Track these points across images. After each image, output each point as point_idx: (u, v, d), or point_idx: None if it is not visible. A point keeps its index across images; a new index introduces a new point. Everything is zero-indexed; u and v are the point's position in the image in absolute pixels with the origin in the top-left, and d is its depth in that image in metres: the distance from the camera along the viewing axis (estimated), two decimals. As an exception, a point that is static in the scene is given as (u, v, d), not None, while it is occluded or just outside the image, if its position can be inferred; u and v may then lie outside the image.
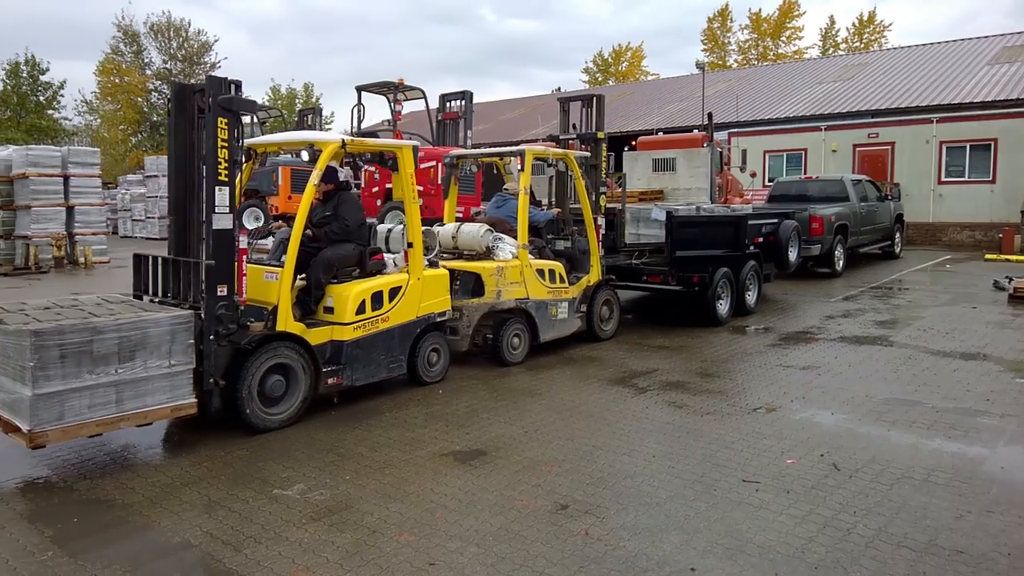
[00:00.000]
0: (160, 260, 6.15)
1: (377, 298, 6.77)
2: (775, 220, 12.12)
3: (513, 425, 6.04)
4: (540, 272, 8.46)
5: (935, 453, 5.32)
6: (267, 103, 43.13)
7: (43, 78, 46.74)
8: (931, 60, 29.02)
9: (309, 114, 18.37)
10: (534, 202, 10.33)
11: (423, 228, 7.29)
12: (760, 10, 56.20)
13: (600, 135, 10.22)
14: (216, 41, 53.98)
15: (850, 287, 13.80)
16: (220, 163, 5.63)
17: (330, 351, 6.48)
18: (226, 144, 5.65)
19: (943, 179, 22.23)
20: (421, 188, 13.66)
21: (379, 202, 14.33)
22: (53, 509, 4.57)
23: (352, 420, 6.40)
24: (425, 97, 15.61)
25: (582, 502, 4.53)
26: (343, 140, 6.58)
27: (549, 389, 7.18)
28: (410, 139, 14.60)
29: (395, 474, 5.04)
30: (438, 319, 7.34)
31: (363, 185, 15.67)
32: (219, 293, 5.62)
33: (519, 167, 8.45)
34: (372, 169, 14.90)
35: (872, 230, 16.81)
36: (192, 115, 5.86)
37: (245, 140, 6.33)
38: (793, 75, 33.44)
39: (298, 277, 6.50)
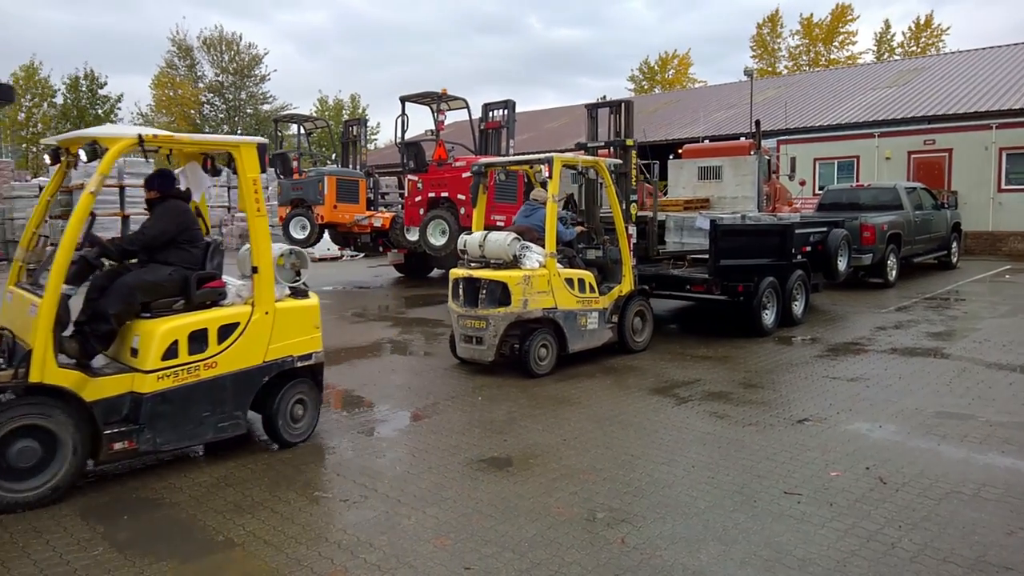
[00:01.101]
0: None
1: (198, 337, 5.24)
2: (824, 229, 11.91)
3: (551, 433, 6.04)
4: (569, 281, 8.31)
5: (987, 468, 5.17)
6: (314, 114, 43.88)
7: (101, 92, 48.25)
8: (990, 64, 28.29)
9: (354, 125, 18.64)
10: (574, 210, 10.31)
11: (289, 248, 5.98)
12: (812, 15, 55.44)
13: (629, 142, 10.09)
14: (266, 54, 55.19)
15: (903, 298, 13.48)
16: None
17: (128, 406, 5.02)
18: None
19: (1003, 187, 21.57)
20: (463, 197, 13.81)
21: (422, 211, 14.48)
22: (104, 506, 4.71)
23: (392, 426, 6.46)
24: (468, 107, 15.72)
25: (619, 510, 4.51)
26: (140, 136, 5.10)
27: (588, 398, 7.15)
28: (452, 149, 14.73)
29: (432, 479, 5.07)
30: (300, 363, 5.79)
31: (407, 194, 15.85)
32: None
33: (547, 175, 8.33)
34: (415, 178, 15.07)
35: (927, 239, 16.40)
36: None
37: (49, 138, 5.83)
38: (845, 81, 32.87)
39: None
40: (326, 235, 17.81)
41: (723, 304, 10.40)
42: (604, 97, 58.23)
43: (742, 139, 23.10)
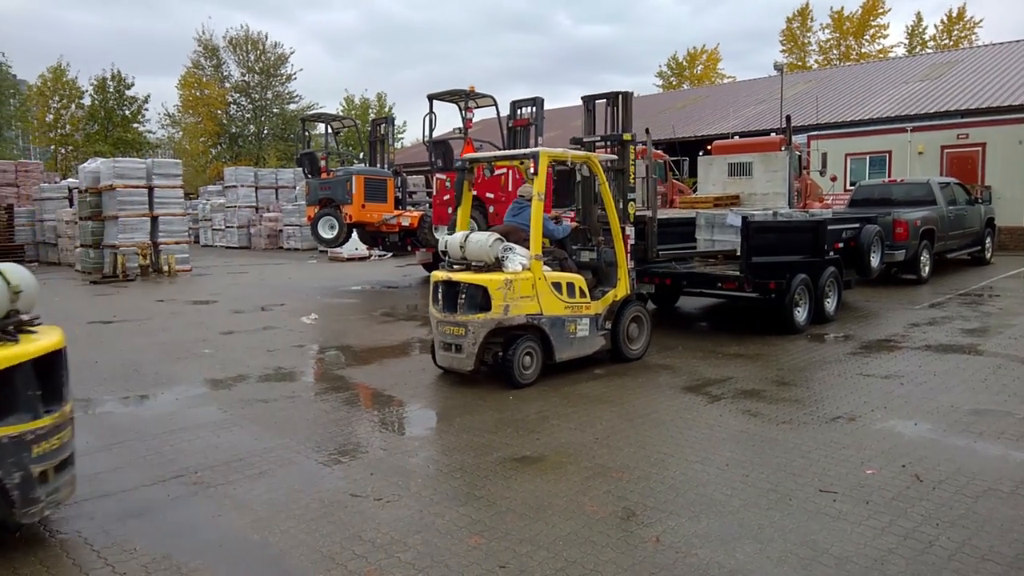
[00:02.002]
0: None
1: None
2: (856, 225, 11.79)
3: (584, 432, 6.04)
4: (556, 285, 7.72)
5: (1025, 466, 5.10)
6: (341, 113, 44.14)
7: (128, 93, 48.94)
8: (1024, 57, 27.77)
9: (382, 123, 18.73)
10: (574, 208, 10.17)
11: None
12: (843, 8, 54.56)
13: (627, 137, 9.47)
14: (292, 53, 55.59)
15: (937, 294, 13.29)
16: None
17: None
18: None
19: (1039, 181, 21.15)
20: (492, 195, 13.84)
21: (450, 210, 14.53)
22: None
23: (424, 425, 6.51)
24: (496, 104, 15.74)
25: (653, 509, 4.50)
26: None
27: (620, 396, 7.15)
28: (481, 147, 14.77)
29: (466, 478, 5.10)
30: None
31: (435, 192, 15.92)
32: None
33: (533, 171, 7.73)
34: (443, 177, 15.14)
35: (961, 235, 16.15)
36: None
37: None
38: (877, 75, 32.46)
39: None
40: (354, 234, 17.92)
41: (755, 301, 10.33)
42: (632, 93, 58.05)
43: (772, 135, 22.90)
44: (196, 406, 7.16)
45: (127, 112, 49.28)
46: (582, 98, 10.72)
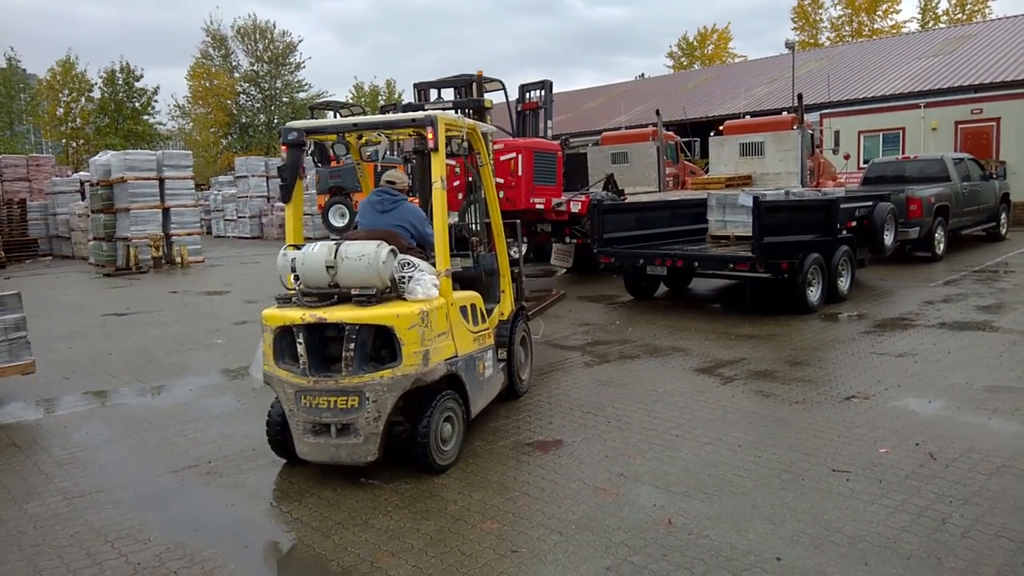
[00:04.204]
0: None
1: None
2: (869, 203, 11.68)
3: (596, 415, 6.03)
4: (463, 311, 5.50)
5: (1042, 443, 5.05)
6: (350, 100, 44.04)
7: (138, 85, 49.01)
8: (1040, 29, 27.37)
9: (390, 110, 18.67)
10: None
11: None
12: (854, -16, 53.79)
13: (488, 103, 8.10)
14: (300, 41, 55.46)
15: (951, 271, 13.17)
16: None
17: None
18: None
19: (1054, 155, 20.89)
20: (501, 180, 13.76)
21: (460, 196, 14.48)
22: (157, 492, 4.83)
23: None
24: (504, 88, 15.65)
25: (665, 491, 4.50)
26: None
27: (633, 379, 7.13)
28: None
29: (478, 463, 5.11)
30: None
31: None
32: None
33: (431, 144, 5.29)
34: (452, 163, 15.06)
35: (975, 211, 15.97)
36: None
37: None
38: (890, 51, 32.10)
39: None
40: None
41: (767, 282, 10.27)
42: (643, 75, 57.66)
43: (784, 114, 22.71)
44: (209, 396, 7.21)
45: (137, 104, 49.33)
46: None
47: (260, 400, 6.89)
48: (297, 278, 5.06)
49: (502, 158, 12.89)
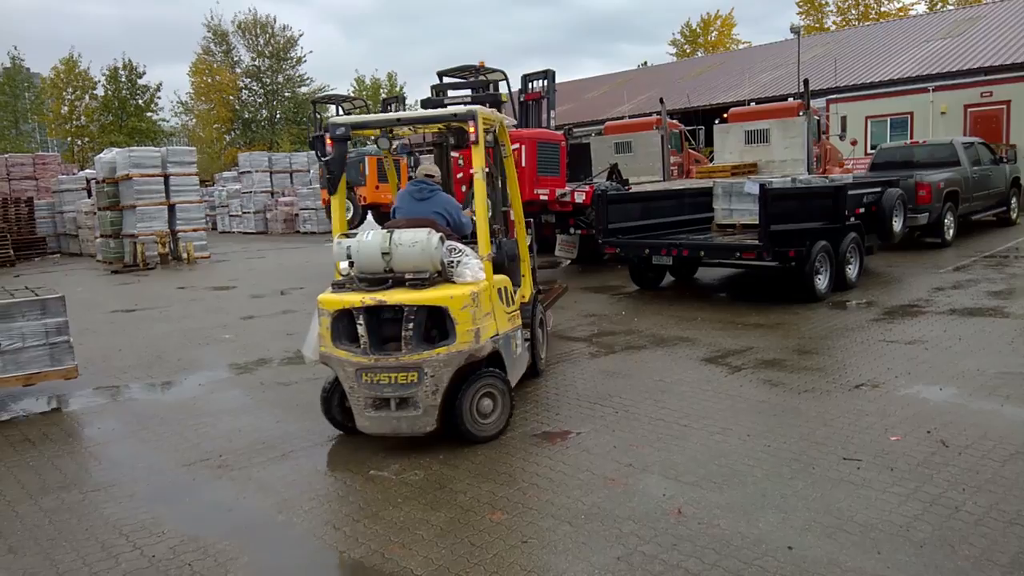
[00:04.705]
0: None
1: None
2: (878, 189, 11.61)
3: (603, 405, 6.02)
4: (500, 292, 5.84)
5: (1054, 428, 5.02)
6: (352, 94, 43.96)
7: (140, 82, 49.09)
8: (1048, 11, 27.15)
9: (393, 102, 18.66)
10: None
11: None
12: (859, -32, 53.43)
13: (504, 98, 8.40)
14: (301, 36, 55.45)
15: (961, 257, 13.09)
16: None
17: None
18: None
19: (1065, 138, 20.72)
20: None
21: (465, 188, 14.46)
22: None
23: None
24: (507, 79, 15.60)
25: (675, 481, 4.49)
26: None
27: (640, 369, 7.11)
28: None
29: (487, 454, 5.11)
30: None
31: (450, 171, 15.82)
32: None
33: (472, 138, 5.66)
34: (456, 155, 15.02)
35: (986, 196, 15.84)
36: None
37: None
38: (897, 34, 31.89)
39: None
40: (369, 216, 17.92)
41: (774, 270, 10.23)
42: (646, 63, 57.40)
43: (790, 100, 22.59)
44: (219, 391, 7.23)
45: (140, 101, 49.48)
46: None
47: (269, 394, 6.94)
48: (351, 264, 5.41)
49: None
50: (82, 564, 3.89)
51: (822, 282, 9.92)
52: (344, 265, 5.51)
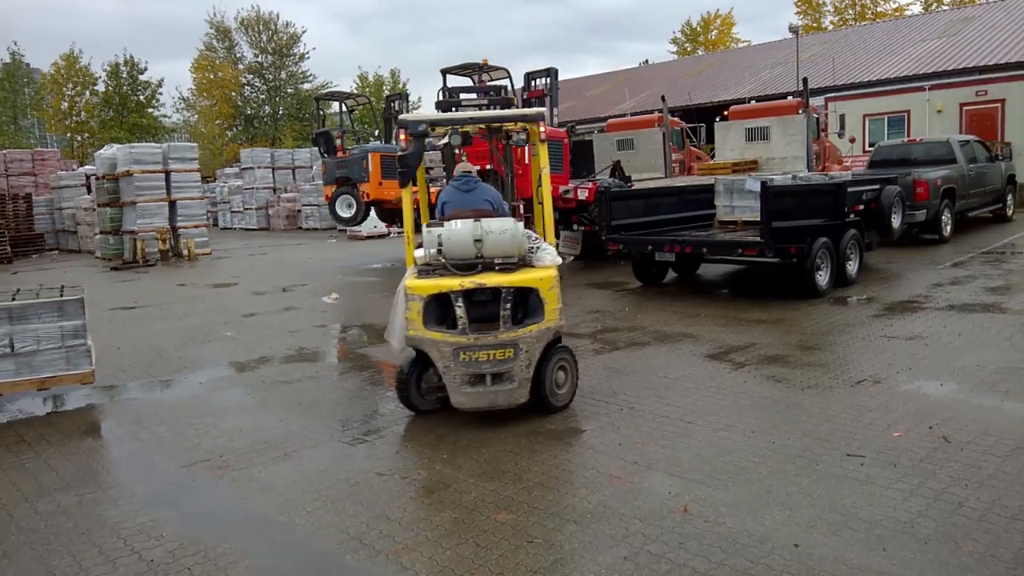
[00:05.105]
0: None
1: None
2: (876, 186, 11.63)
3: (608, 403, 6.03)
4: None
5: (1056, 425, 5.03)
6: (355, 91, 43.89)
7: (142, 78, 48.90)
8: (1045, 9, 27.16)
9: (396, 99, 18.60)
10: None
11: None
12: (856, -33, 53.37)
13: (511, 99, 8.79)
14: (304, 32, 55.17)
15: (959, 253, 13.11)
16: None
17: None
18: None
19: (1060, 136, 20.73)
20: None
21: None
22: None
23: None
24: (510, 76, 15.59)
25: (680, 478, 4.49)
26: None
27: (644, 366, 7.12)
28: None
29: (491, 453, 5.10)
30: None
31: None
32: None
33: (542, 136, 6.31)
34: (460, 152, 15.01)
35: (982, 193, 15.90)
36: None
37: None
38: (893, 34, 31.91)
39: None
40: (372, 213, 17.89)
41: (776, 266, 10.24)
42: (647, 62, 57.38)
43: (789, 98, 22.59)
44: (220, 389, 7.22)
45: (141, 97, 49.30)
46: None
47: (271, 393, 6.93)
48: (440, 251, 5.69)
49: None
50: (79, 569, 3.85)
51: (823, 278, 9.94)
52: (420, 253, 5.86)
